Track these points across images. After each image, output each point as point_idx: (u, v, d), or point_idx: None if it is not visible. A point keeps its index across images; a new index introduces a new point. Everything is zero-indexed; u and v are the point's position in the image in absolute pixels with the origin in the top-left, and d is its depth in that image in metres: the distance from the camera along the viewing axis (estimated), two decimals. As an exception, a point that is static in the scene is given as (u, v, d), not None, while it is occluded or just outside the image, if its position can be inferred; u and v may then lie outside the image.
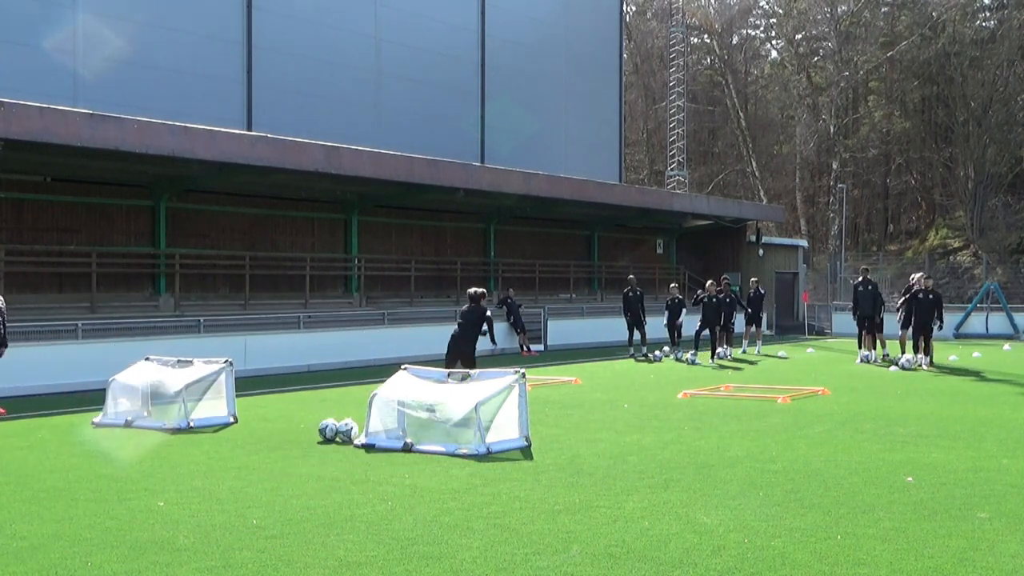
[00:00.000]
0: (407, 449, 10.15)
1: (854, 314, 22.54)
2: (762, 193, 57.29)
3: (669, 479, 8.66)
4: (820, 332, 34.90)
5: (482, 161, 32.85)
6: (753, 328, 25.49)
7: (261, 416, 13.25)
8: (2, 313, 13.84)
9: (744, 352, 25.00)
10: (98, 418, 12.62)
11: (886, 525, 6.95)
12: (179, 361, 13.04)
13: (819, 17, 56.66)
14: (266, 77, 28.05)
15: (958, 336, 31.55)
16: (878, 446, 10.34)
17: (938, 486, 8.25)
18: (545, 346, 27.18)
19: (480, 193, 26.04)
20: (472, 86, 34.56)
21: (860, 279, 22.74)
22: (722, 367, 21.23)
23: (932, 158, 54.79)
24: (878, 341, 22.93)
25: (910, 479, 8.52)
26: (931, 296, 20.90)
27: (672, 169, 48.81)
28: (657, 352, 23.66)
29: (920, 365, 20.41)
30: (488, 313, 15.21)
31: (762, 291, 26.16)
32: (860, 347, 22.41)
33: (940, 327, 21.08)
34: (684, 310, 24.12)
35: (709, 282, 23.12)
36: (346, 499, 7.97)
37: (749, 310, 25.29)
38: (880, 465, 9.24)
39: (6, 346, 13.97)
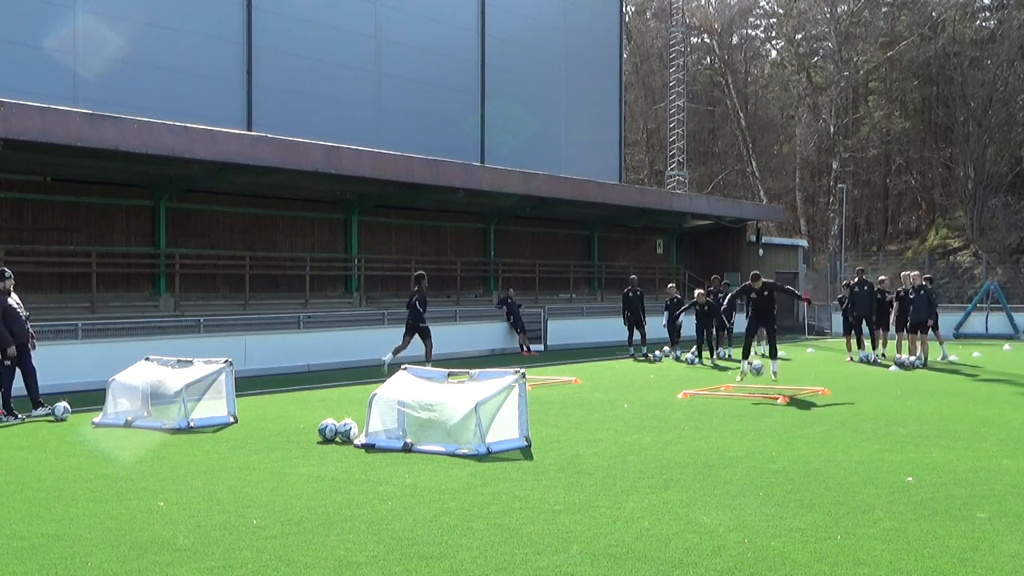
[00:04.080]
0: (407, 449, 10.15)
1: (850, 315, 22.55)
2: (762, 193, 57.30)
3: (669, 479, 8.66)
4: (820, 332, 34.91)
5: (482, 161, 32.86)
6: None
7: (261, 416, 13.25)
8: (22, 309, 13.81)
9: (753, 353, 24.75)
10: (98, 418, 12.62)
11: (886, 525, 6.95)
12: (179, 361, 13.04)
13: (819, 17, 56.67)
14: (266, 77, 28.06)
15: (958, 336, 31.54)
16: (878, 446, 10.34)
17: (938, 486, 8.25)
18: (545, 346, 27.18)
19: (480, 193, 26.06)
20: (472, 86, 34.57)
21: (856, 279, 22.74)
22: (717, 367, 21.20)
23: (932, 158, 54.80)
24: (879, 341, 22.99)
25: (910, 479, 8.52)
26: (865, 288, 22.26)
27: (672, 169, 48.81)
28: (657, 352, 23.65)
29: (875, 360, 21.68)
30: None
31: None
32: (859, 347, 22.44)
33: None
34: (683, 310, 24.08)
35: (698, 291, 22.99)
36: (346, 499, 7.96)
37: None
38: (880, 465, 9.24)
39: (34, 337, 13.96)
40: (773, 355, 17.00)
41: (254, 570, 6.02)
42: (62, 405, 13.27)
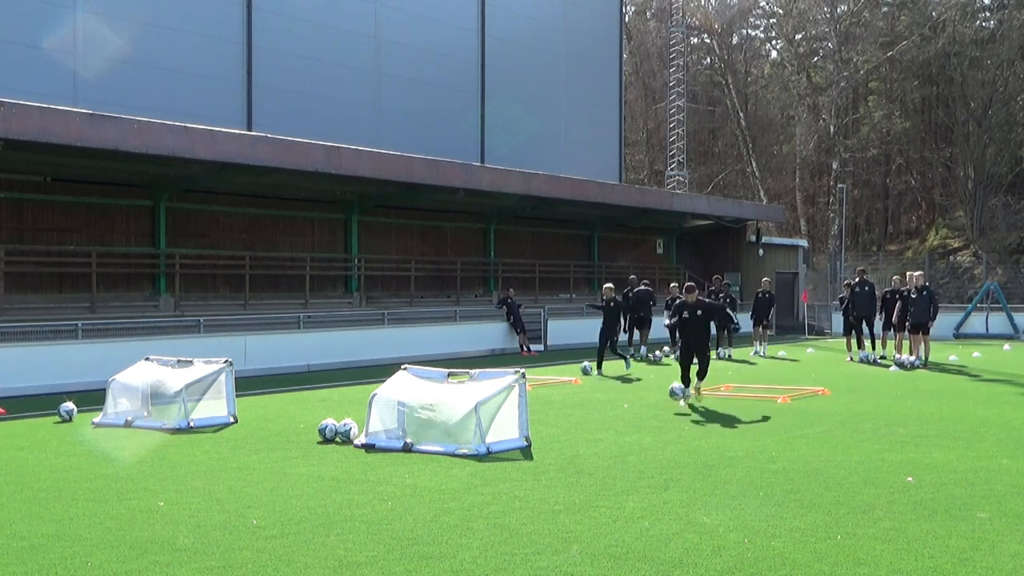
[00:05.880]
0: (407, 449, 10.15)
1: (850, 315, 22.54)
2: (762, 193, 57.29)
3: (669, 479, 8.66)
4: (820, 332, 34.91)
5: (482, 161, 32.86)
6: (760, 328, 25.31)
7: (261, 416, 13.26)
8: None
9: (755, 354, 24.65)
10: (98, 418, 12.62)
11: (886, 525, 6.95)
12: (179, 361, 13.04)
13: (819, 17, 56.65)
14: (266, 77, 28.05)
15: (958, 336, 31.55)
16: (878, 446, 10.34)
17: (938, 486, 8.25)
18: (545, 346, 27.17)
19: (480, 193, 26.06)
20: (472, 86, 34.56)
21: (857, 280, 22.73)
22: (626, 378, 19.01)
23: (932, 158, 54.79)
24: (878, 342, 22.99)
25: (910, 479, 8.52)
26: (866, 288, 22.33)
27: (672, 169, 48.81)
28: (657, 352, 23.64)
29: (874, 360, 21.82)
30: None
31: (772, 293, 25.95)
32: (859, 347, 22.44)
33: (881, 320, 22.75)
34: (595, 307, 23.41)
35: (606, 286, 20.56)
36: (346, 499, 7.97)
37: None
38: (880, 465, 9.24)
39: None
40: (701, 375, 14.34)
41: (254, 570, 6.02)
42: (68, 405, 13.25)
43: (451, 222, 29.12)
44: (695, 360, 14.27)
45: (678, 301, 15.16)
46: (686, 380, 14.28)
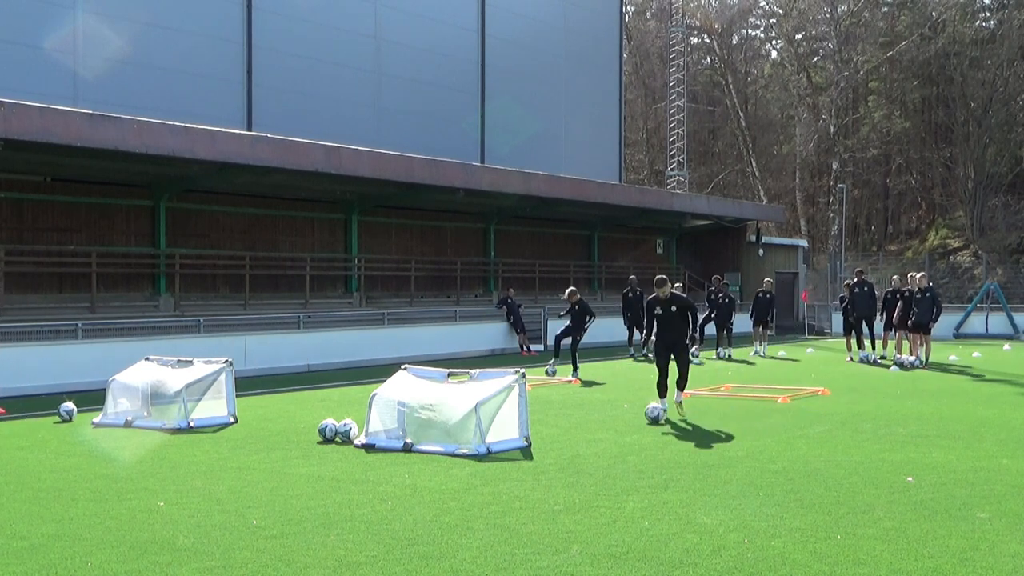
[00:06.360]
0: (407, 449, 10.15)
1: (850, 315, 22.55)
2: (762, 193, 57.28)
3: (669, 479, 8.66)
4: (820, 332, 34.91)
5: (482, 161, 32.86)
6: (760, 328, 25.27)
7: (261, 416, 13.25)
8: None
9: (755, 354, 24.63)
10: (98, 418, 12.62)
11: (886, 525, 6.95)
12: (179, 361, 13.04)
13: (819, 17, 56.65)
14: (266, 77, 28.05)
15: (958, 336, 31.55)
16: (878, 446, 10.34)
17: (938, 486, 8.25)
18: (545, 346, 27.16)
19: (480, 193, 26.06)
20: (472, 86, 34.56)
21: (856, 280, 22.75)
22: (579, 378, 18.64)
23: (932, 158, 54.78)
24: (878, 342, 22.99)
25: (910, 479, 8.52)
26: (865, 288, 22.38)
27: (672, 169, 48.81)
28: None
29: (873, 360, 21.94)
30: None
31: (772, 293, 25.87)
32: (859, 348, 22.45)
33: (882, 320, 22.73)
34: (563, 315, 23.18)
35: (570, 289, 19.82)
36: (346, 499, 7.97)
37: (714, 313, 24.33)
38: (880, 465, 9.24)
39: None
40: (681, 385, 13.21)
41: (254, 570, 6.02)
42: (68, 405, 13.23)
43: (451, 222, 29.12)
44: (673, 361, 13.01)
45: (650, 297, 13.54)
46: (662, 387, 12.86)
